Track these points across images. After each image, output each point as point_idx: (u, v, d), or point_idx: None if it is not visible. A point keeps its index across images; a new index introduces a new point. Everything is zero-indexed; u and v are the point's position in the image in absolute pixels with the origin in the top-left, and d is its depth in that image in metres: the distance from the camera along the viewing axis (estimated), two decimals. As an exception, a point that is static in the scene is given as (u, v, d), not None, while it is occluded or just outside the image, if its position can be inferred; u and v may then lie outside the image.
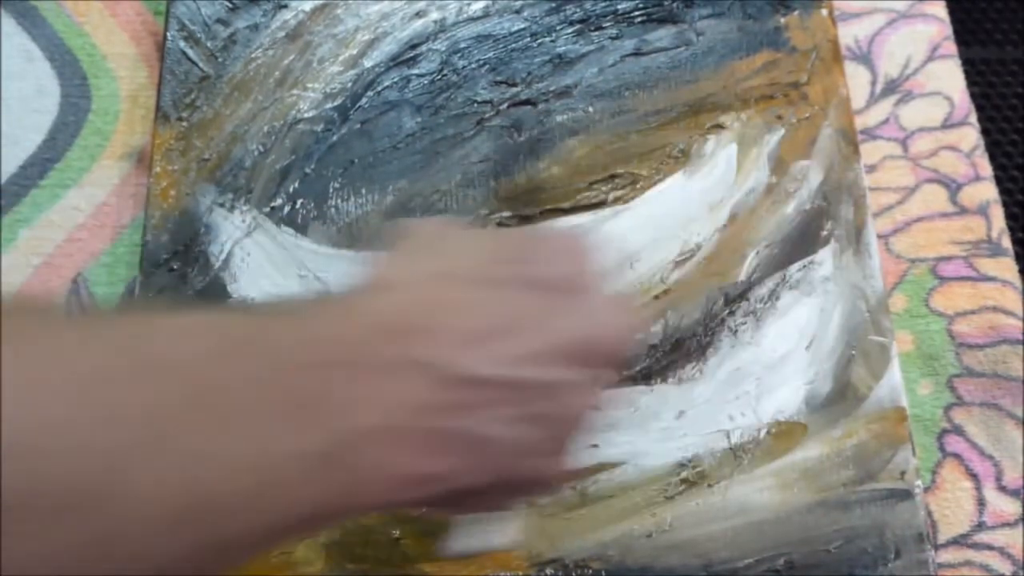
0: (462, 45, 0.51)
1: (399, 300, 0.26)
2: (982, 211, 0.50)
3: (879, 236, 0.49)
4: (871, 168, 0.51)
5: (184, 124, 0.50)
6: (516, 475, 0.28)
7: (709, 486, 0.43)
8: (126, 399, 0.21)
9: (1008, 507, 0.44)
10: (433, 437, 0.25)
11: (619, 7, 0.52)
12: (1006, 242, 0.49)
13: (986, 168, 0.51)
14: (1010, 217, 0.51)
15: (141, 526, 0.20)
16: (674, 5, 0.52)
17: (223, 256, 0.47)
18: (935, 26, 0.54)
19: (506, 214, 0.48)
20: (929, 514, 0.44)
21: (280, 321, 0.25)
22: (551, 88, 0.50)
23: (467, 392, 0.25)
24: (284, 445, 0.22)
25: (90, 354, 0.21)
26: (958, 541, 0.44)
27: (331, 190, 0.48)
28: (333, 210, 0.48)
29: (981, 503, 0.44)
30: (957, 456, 0.45)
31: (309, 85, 0.51)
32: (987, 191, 0.50)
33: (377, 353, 0.25)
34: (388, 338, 0.25)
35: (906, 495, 0.43)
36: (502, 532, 0.37)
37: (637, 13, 0.52)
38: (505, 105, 0.50)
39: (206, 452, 0.21)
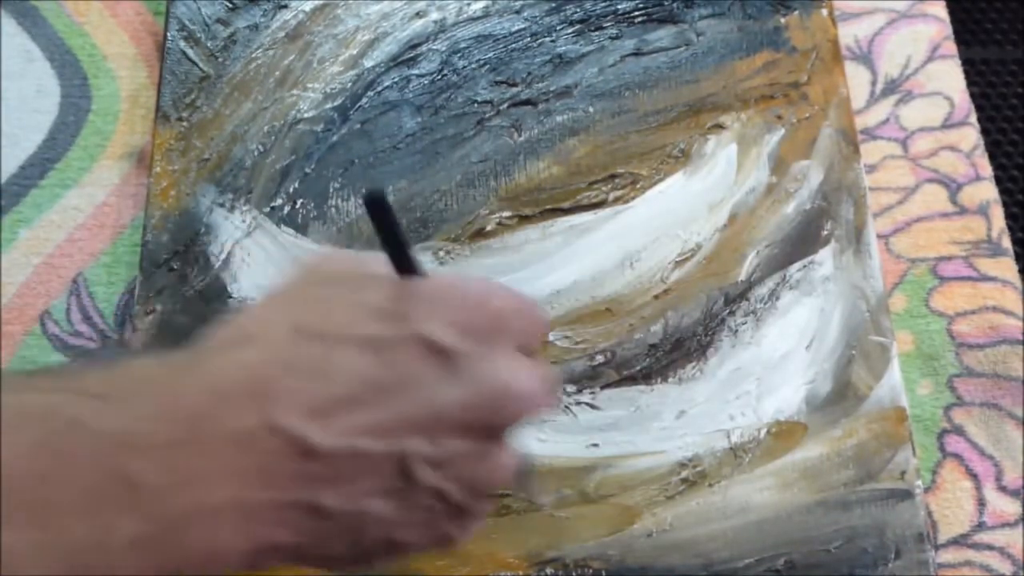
0: (462, 45, 0.51)
1: (249, 359, 0.25)
2: (982, 211, 0.50)
3: (879, 236, 0.49)
4: (871, 168, 0.51)
5: (184, 124, 0.50)
6: (386, 545, 0.27)
7: (709, 486, 0.43)
8: None
9: (1008, 507, 0.44)
10: (277, 509, 0.24)
11: (619, 7, 0.52)
12: (1006, 242, 0.49)
13: (986, 168, 0.51)
14: (1010, 217, 0.52)
15: None
16: (674, 5, 0.52)
17: (223, 256, 0.47)
18: (935, 26, 0.54)
19: (506, 214, 0.48)
20: (929, 514, 0.44)
21: (111, 399, 0.24)
22: (551, 88, 0.50)
23: (313, 464, 0.24)
24: (110, 532, 0.22)
25: None
26: (958, 541, 0.44)
27: (331, 190, 0.48)
28: (333, 210, 0.48)
29: (981, 503, 0.44)
30: (957, 456, 0.45)
31: (309, 85, 0.51)
32: (987, 191, 0.50)
33: (219, 422, 0.24)
34: (231, 405, 0.24)
35: (906, 495, 0.43)
36: None
37: (637, 13, 0.52)
38: (505, 105, 0.50)
39: (21, 544, 0.21)
